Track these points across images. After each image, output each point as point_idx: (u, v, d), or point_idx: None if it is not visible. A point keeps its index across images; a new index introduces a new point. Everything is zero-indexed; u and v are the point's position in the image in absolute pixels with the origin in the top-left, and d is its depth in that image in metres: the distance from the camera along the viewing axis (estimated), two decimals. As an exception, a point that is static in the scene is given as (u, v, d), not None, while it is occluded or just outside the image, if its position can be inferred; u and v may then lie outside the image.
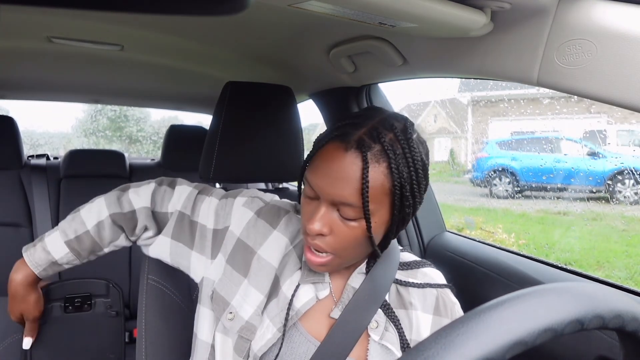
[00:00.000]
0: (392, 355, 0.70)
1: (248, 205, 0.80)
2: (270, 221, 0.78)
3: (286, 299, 0.71)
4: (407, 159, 0.62)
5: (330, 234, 0.64)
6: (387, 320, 0.72)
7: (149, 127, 7.92)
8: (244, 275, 0.74)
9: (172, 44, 1.31)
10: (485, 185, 3.67)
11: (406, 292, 0.75)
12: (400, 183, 0.62)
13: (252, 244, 0.76)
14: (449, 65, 0.88)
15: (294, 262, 0.75)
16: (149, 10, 0.26)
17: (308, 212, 0.66)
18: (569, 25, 0.62)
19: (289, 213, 0.80)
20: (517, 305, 0.36)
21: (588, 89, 0.61)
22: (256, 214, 0.78)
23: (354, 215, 0.62)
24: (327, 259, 0.66)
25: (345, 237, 0.64)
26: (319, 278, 0.73)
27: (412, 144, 0.63)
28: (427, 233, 1.35)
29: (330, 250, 0.65)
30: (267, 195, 0.84)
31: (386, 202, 0.63)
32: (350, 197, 0.61)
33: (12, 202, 1.92)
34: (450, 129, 6.19)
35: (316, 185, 0.64)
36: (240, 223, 0.78)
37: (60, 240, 0.83)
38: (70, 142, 7.16)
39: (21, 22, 1.14)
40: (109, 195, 0.86)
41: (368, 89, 1.34)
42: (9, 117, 1.93)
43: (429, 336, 0.35)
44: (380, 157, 0.61)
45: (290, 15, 0.73)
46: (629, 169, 2.47)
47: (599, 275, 1.00)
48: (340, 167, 0.61)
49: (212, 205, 0.81)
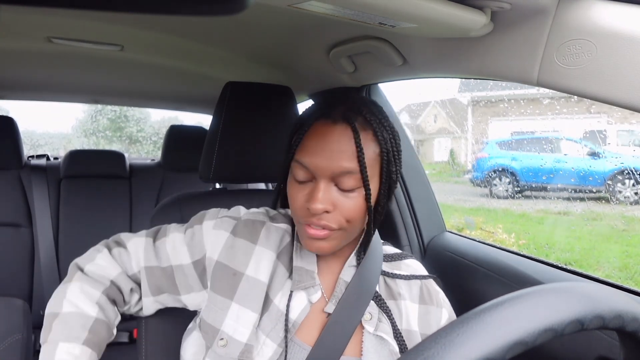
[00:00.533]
0: (387, 345, 0.71)
1: (219, 226, 0.76)
2: (250, 237, 0.75)
3: (279, 311, 0.70)
4: (385, 127, 0.68)
5: (334, 209, 0.65)
6: (380, 312, 0.73)
7: (149, 128, 7.92)
8: (230, 299, 0.71)
9: (172, 44, 1.31)
10: (485, 185, 3.67)
11: (394, 284, 0.77)
12: (386, 148, 0.67)
13: (236, 266, 0.73)
14: (449, 65, 0.88)
15: (282, 272, 0.73)
16: (149, 10, 0.26)
17: (303, 196, 0.67)
18: (569, 26, 0.62)
19: (266, 223, 0.77)
20: (517, 305, 0.36)
21: (588, 89, 0.61)
22: (232, 233, 0.75)
23: (353, 185, 0.64)
24: (329, 233, 0.66)
25: (349, 209, 0.65)
26: (310, 281, 0.72)
27: (385, 115, 0.70)
28: (427, 233, 1.35)
29: (337, 226, 0.66)
30: (233, 211, 0.80)
31: (376, 168, 0.67)
32: (349, 165, 0.63)
33: (12, 202, 1.92)
34: (450, 129, 6.18)
35: (312, 163, 0.65)
36: (216, 247, 0.74)
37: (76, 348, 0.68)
38: (70, 142, 7.16)
39: (21, 22, 1.14)
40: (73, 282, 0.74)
41: (368, 89, 1.34)
42: (9, 117, 1.93)
43: (429, 336, 0.35)
44: (366, 126, 0.66)
45: (290, 15, 0.73)
46: (629, 169, 2.47)
47: (599, 275, 0.99)
48: (334, 140, 0.64)
49: (178, 242, 0.76)
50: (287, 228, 0.78)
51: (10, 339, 1.33)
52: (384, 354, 0.70)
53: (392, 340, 0.71)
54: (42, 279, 1.90)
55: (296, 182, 0.68)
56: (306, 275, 0.72)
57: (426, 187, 1.39)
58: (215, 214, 0.79)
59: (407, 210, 1.35)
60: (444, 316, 0.77)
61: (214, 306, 0.72)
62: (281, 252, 0.75)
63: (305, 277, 0.72)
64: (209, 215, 0.79)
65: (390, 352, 0.71)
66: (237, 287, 0.71)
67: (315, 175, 0.65)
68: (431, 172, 5.50)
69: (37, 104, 2.44)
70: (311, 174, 0.66)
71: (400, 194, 1.34)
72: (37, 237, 1.92)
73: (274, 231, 0.76)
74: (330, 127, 0.65)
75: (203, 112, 2.66)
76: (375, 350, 0.70)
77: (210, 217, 0.78)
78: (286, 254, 0.75)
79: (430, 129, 6.72)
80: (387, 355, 0.70)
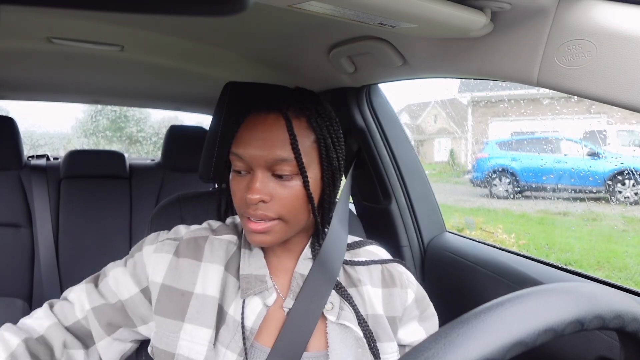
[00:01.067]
0: (351, 332, 0.71)
1: (160, 249, 0.74)
2: (194, 255, 0.73)
3: (235, 321, 0.69)
4: (321, 115, 0.70)
5: (271, 199, 0.66)
6: (341, 300, 0.73)
7: (149, 128, 7.92)
8: (181, 320, 0.69)
9: (172, 44, 1.31)
10: (486, 185, 3.67)
11: (353, 271, 0.78)
12: (322, 135, 0.69)
13: (183, 286, 0.71)
14: (449, 65, 0.88)
15: (233, 283, 0.72)
16: (149, 11, 0.26)
17: (242, 187, 0.68)
18: (569, 26, 0.62)
19: (208, 238, 0.76)
20: (517, 306, 0.36)
21: (588, 89, 0.61)
22: (175, 255, 0.73)
23: (290, 171, 0.66)
24: (269, 225, 0.66)
25: (286, 198, 0.66)
26: (261, 286, 0.71)
27: (321, 103, 0.72)
28: (427, 233, 1.35)
29: (275, 216, 0.66)
30: (173, 232, 0.78)
31: (314, 155, 0.69)
32: (283, 152, 0.65)
33: (12, 203, 1.92)
34: (450, 129, 6.18)
35: (247, 153, 0.66)
36: (159, 270, 0.72)
37: None
38: (70, 142, 7.16)
39: (21, 22, 1.14)
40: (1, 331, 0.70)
41: (368, 90, 1.34)
42: (9, 117, 1.93)
43: (428, 336, 0.35)
44: (299, 114, 0.68)
45: (290, 15, 0.73)
46: (629, 169, 2.47)
47: (599, 275, 0.99)
48: (266, 129, 0.66)
49: (120, 275, 0.74)
50: (232, 238, 0.77)
51: (10, 339, 1.32)
52: (349, 342, 0.70)
53: (356, 327, 0.71)
54: (42, 279, 1.90)
55: (236, 174, 0.69)
56: (255, 281, 0.71)
57: (426, 187, 1.39)
58: (155, 238, 0.77)
59: (407, 210, 1.35)
60: (409, 296, 0.78)
61: (165, 331, 0.70)
62: (229, 263, 0.74)
63: (254, 283, 0.71)
64: (148, 241, 0.77)
65: (355, 339, 0.70)
66: (187, 307, 0.69)
67: (251, 165, 0.66)
68: (431, 172, 5.50)
69: (37, 104, 2.44)
70: (248, 165, 0.67)
71: (400, 194, 1.34)
72: (37, 237, 1.92)
73: (218, 244, 0.75)
74: (263, 118, 0.67)
75: (203, 112, 2.66)
76: (341, 339, 0.70)
77: (150, 242, 0.76)
78: (234, 263, 0.74)
79: (430, 129, 6.72)
80: (352, 342, 0.70)
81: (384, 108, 1.38)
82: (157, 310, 0.71)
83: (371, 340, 0.71)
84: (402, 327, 0.78)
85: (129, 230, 2.08)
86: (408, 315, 0.78)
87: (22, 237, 1.91)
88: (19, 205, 1.93)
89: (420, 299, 0.80)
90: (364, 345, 0.70)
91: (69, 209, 2.02)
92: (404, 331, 0.78)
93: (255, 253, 0.75)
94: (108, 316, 0.73)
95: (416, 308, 0.79)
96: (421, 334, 0.80)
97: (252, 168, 0.67)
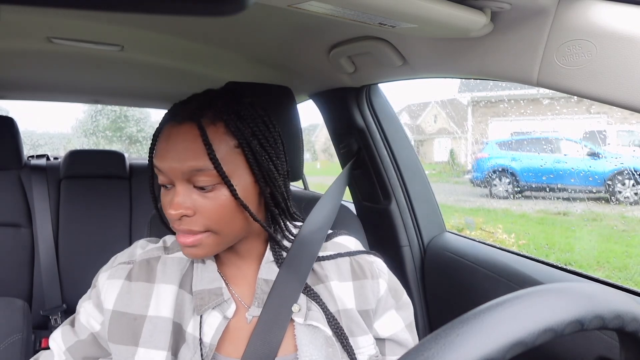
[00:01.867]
0: (320, 332, 0.69)
1: (113, 275, 0.72)
2: (146, 278, 0.71)
3: (195, 338, 0.67)
4: (242, 118, 0.65)
5: (195, 213, 0.63)
6: (308, 300, 0.71)
7: (149, 128, 7.93)
8: (135, 345, 0.67)
9: (172, 44, 1.31)
10: (485, 185, 3.67)
11: (319, 268, 0.75)
12: (244, 138, 0.64)
13: (135, 311, 0.69)
14: (449, 65, 0.88)
15: (188, 300, 0.70)
16: (149, 10, 0.26)
17: (167, 201, 0.65)
18: (569, 26, 0.62)
19: (161, 258, 0.74)
20: (517, 306, 0.36)
21: (588, 90, 0.61)
22: (127, 279, 0.71)
23: (211, 181, 0.62)
24: (198, 238, 0.64)
25: (211, 210, 0.63)
26: (216, 299, 0.69)
27: (243, 104, 0.67)
28: (427, 233, 1.35)
29: (202, 229, 0.63)
30: (128, 254, 0.76)
31: (240, 161, 0.65)
32: (199, 162, 0.61)
33: (12, 202, 1.92)
34: (450, 129, 6.18)
35: (163, 167, 0.63)
36: (110, 296, 0.70)
37: None
38: (70, 142, 7.17)
39: (21, 22, 1.14)
40: None
41: (368, 90, 1.34)
42: (9, 117, 1.93)
43: (428, 336, 0.35)
44: (215, 120, 0.63)
45: (290, 15, 0.73)
46: (629, 169, 2.47)
47: (599, 275, 1.00)
48: (179, 140, 0.62)
49: (89, 308, 0.73)
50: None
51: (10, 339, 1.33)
52: (319, 342, 0.69)
53: (325, 326, 0.69)
54: (42, 279, 1.90)
55: (163, 188, 0.66)
56: (209, 295, 0.69)
57: (426, 187, 1.39)
58: (111, 263, 0.75)
59: (407, 210, 1.35)
60: (382, 287, 0.75)
61: (119, 358, 0.68)
62: (183, 280, 0.71)
63: (208, 298, 0.69)
64: (105, 267, 0.75)
65: (325, 338, 0.69)
66: (140, 332, 0.68)
67: (170, 178, 0.64)
68: (431, 172, 5.50)
69: (37, 104, 2.44)
70: (168, 178, 0.64)
71: (401, 194, 1.34)
72: (37, 237, 1.92)
73: (171, 263, 0.73)
74: (176, 128, 0.63)
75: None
76: (310, 341, 0.68)
77: (106, 268, 0.75)
78: (189, 279, 0.72)
79: (430, 129, 6.72)
80: (322, 342, 0.69)
81: (384, 108, 1.38)
82: (110, 337, 0.69)
83: (343, 337, 0.69)
84: (378, 319, 0.75)
85: (128, 230, 2.08)
86: (383, 307, 0.75)
87: (22, 237, 1.91)
88: (18, 205, 1.92)
89: (393, 287, 0.78)
90: (333, 344, 0.69)
91: (69, 208, 2.02)
92: (381, 322, 0.76)
93: (208, 265, 0.72)
94: (82, 351, 0.73)
95: (391, 297, 0.77)
96: (399, 323, 0.77)
97: (172, 181, 0.64)
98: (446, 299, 1.25)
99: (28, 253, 1.92)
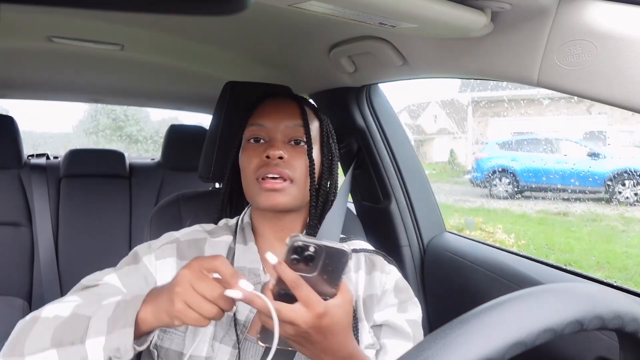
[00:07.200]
0: None
1: (161, 256, 0.74)
2: (197, 253, 0.75)
3: (228, 316, 0.70)
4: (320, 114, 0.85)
5: (287, 159, 0.75)
6: None
7: (149, 127, 7.93)
8: None
9: (172, 44, 1.31)
10: (485, 185, 3.68)
11: None
12: (325, 125, 0.84)
13: None
14: (449, 65, 0.88)
15: None
16: (149, 10, 0.26)
17: (259, 152, 0.76)
18: (569, 26, 0.62)
19: (207, 239, 0.78)
20: (516, 306, 0.36)
21: (588, 90, 0.61)
22: (178, 257, 0.74)
23: (301, 135, 0.78)
24: (285, 184, 0.74)
25: (297, 160, 0.76)
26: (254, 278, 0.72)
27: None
28: (426, 233, 1.35)
29: (290, 175, 0.75)
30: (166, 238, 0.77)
31: (318, 139, 0.82)
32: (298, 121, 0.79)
33: (12, 202, 1.92)
34: (450, 129, 6.18)
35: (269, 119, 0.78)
36: (166, 274, 0.71)
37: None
38: (70, 141, 7.17)
39: (21, 22, 1.14)
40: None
41: (368, 89, 1.34)
42: (9, 116, 1.93)
43: (428, 336, 0.35)
44: (307, 105, 0.84)
45: (290, 15, 0.73)
46: (629, 169, 2.47)
47: (599, 276, 1.00)
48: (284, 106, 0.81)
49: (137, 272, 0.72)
50: (227, 239, 0.79)
51: (10, 338, 1.32)
52: None
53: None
54: (42, 279, 1.90)
55: (251, 144, 0.78)
56: (248, 274, 0.73)
57: (426, 187, 1.39)
58: (148, 248, 0.76)
59: (407, 210, 1.35)
60: (389, 282, 0.80)
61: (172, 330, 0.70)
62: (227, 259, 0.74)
63: (247, 276, 0.72)
64: (143, 252, 0.75)
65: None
66: None
67: (271, 132, 0.77)
68: (431, 172, 5.50)
69: (37, 103, 2.44)
70: (268, 132, 0.78)
71: (400, 194, 1.34)
72: (37, 236, 1.92)
73: (216, 245, 0.77)
74: (280, 100, 0.82)
75: (203, 112, 2.66)
76: None
77: (146, 252, 0.75)
78: (231, 260, 0.75)
79: (430, 129, 6.72)
80: None
81: (384, 108, 1.38)
82: None
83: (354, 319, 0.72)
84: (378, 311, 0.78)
85: (128, 230, 2.08)
86: (385, 302, 0.78)
87: (22, 235, 1.91)
88: (18, 204, 1.92)
89: (400, 289, 0.80)
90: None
91: (69, 208, 2.02)
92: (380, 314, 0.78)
93: (249, 247, 0.77)
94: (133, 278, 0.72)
95: (394, 297, 0.79)
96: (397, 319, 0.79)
97: (271, 135, 0.77)
98: (446, 299, 1.25)
99: (28, 252, 1.92)
